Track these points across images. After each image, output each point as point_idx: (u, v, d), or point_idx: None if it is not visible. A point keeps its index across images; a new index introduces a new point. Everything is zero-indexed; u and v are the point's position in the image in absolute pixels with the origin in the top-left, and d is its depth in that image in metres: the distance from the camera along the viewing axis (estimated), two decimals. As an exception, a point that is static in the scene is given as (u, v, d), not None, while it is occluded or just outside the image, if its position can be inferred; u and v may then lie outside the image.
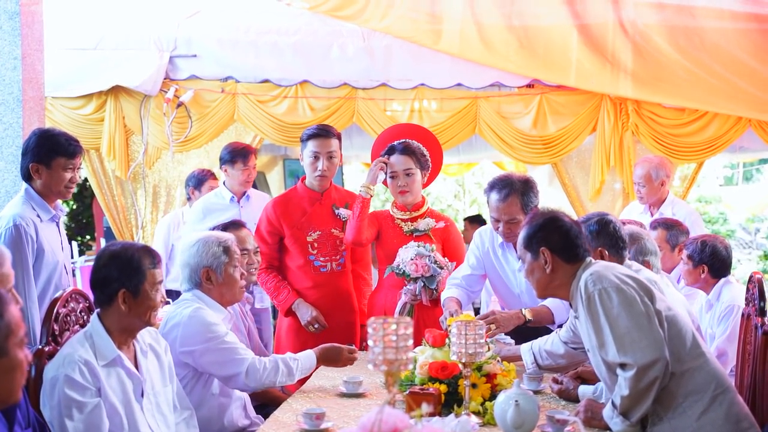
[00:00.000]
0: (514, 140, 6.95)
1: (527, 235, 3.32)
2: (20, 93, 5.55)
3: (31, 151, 4.14)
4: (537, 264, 3.28)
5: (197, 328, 3.64)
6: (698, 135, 6.86)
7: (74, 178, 4.21)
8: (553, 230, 3.28)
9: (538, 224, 3.31)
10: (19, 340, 2.07)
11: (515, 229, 4.28)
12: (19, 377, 2.10)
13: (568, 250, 3.26)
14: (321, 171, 4.73)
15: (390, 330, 2.33)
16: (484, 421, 3.18)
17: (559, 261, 3.25)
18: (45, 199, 4.15)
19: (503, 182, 4.34)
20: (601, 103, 6.90)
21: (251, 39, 6.96)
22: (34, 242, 4.04)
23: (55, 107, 6.88)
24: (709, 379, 3.05)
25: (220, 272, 3.83)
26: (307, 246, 4.79)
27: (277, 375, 3.69)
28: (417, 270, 4.39)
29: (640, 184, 6.13)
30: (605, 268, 3.18)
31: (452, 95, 7.01)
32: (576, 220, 3.42)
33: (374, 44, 6.94)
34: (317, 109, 6.98)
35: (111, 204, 7.09)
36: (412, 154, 4.69)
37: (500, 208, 4.31)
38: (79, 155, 4.20)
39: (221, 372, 3.66)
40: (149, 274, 3.10)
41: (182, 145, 6.99)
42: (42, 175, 4.13)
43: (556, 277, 3.27)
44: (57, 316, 3.18)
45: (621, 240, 3.71)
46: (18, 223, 3.98)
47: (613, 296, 3.05)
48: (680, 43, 6.64)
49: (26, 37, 5.59)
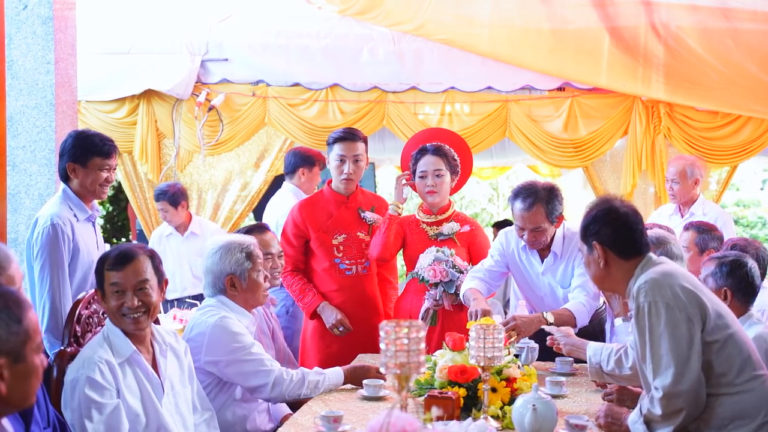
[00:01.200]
0: (545, 144, 6.91)
1: (581, 227, 3.17)
2: (53, 97, 5.63)
3: (68, 151, 4.21)
4: (592, 258, 3.13)
5: (223, 339, 3.65)
6: (732, 138, 6.77)
7: (110, 178, 4.28)
8: (606, 223, 3.10)
9: (591, 216, 3.15)
10: (36, 346, 2.10)
11: (540, 237, 4.30)
12: (34, 382, 2.13)
13: (623, 245, 3.08)
14: (347, 174, 4.74)
15: (402, 333, 2.32)
16: (502, 426, 3.16)
17: (614, 256, 3.08)
18: (81, 199, 4.21)
19: (527, 191, 4.30)
20: (633, 106, 6.84)
21: (282, 43, 6.99)
22: (71, 241, 4.09)
23: (89, 111, 6.98)
24: (760, 405, 2.90)
25: (244, 278, 3.84)
26: (333, 249, 4.79)
27: (302, 388, 3.69)
28: (435, 275, 4.38)
29: (674, 181, 6.06)
30: (664, 275, 2.98)
31: (482, 98, 6.98)
32: (634, 208, 3.17)
33: (404, 47, 6.94)
34: (347, 113, 6.99)
35: (143, 207, 7.17)
36: (443, 156, 4.67)
37: (525, 217, 4.27)
38: (114, 155, 4.27)
39: (246, 383, 3.67)
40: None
41: (213, 149, 7.04)
42: (78, 174, 4.19)
43: (611, 272, 3.10)
44: (79, 318, 3.22)
45: (751, 288, 3.58)
46: (55, 222, 4.04)
47: (662, 313, 2.89)
48: (713, 45, 6.56)
49: (59, 41, 5.67)
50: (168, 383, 3.22)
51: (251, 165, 7.20)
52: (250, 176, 7.23)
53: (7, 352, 2.01)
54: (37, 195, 5.57)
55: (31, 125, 5.57)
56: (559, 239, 4.41)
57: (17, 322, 2.03)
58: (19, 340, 2.03)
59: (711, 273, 3.64)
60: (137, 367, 3.11)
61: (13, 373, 2.03)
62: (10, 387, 2.03)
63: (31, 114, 5.59)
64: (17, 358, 2.04)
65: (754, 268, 3.65)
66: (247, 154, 7.21)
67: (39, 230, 4.06)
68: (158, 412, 3.13)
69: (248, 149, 7.20)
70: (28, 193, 5.56)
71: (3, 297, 2.04)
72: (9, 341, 2.01)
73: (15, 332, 2.02)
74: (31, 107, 5.59)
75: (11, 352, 2.02)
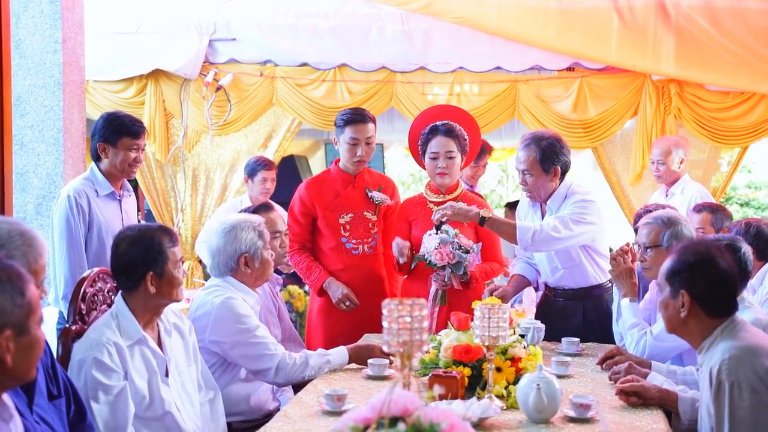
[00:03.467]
0: (554, 124, 6.85)
1: (672, 269, 2.96)
2: (61, 76, 5.64)
3: (99, 131, 4.43)
4: (673, 302, 2.95)
5: (228, 320, 3.65)
6: (743, 119, 6.70)
7: (139, 158, 4.51)
8: (703, 275, 2.89)
9: (686, 262, 2.93)
10: (38, 319, 2.13)
11: (529, 181, 4.45)
12: (37, 355, 2.16)
13: (713, 304, 2.89)
14: (360, 157, 4.74)
15: (405, 312, 2.32)
16: (507, 405, 3.16)
17: (699, 310, 2.90)
18: (110, 179, 4.45)
19: (533, 134, 4.51)
20: (643, 87, 6.77)
21: (290, 22, 6.95)
22: (86, 214, 4.34)
23: (96, 91, 6.97)
24: None
25: (257, 257, 3.84)
26: (339, 228, 4.79)
27: (305, 371, 3.69)
28: (443, 258, 4.35)
29: (659, 162, 6.10)
30: (748, 351, 2.77)
31: (491, 78, 6.93)
32: (733, 266, 2.96)
33: (413, 27, 6.89)
34: (355, 93, 6.95)
35: (151, 187, 7.16)
36: (455, 137, 4.65)
37: (519, 156, 4.48)
38: (142, 135, 4.50)
39: (250, 366, 3.68)
40: (170, 253, 3.13)
41: (221, 129, 7.03)
42: (108, 154, 4.42)
43: (689, 324, 2.94)
44: (84, 296, 3.23)
45: (743, 273, 3.51)
46: (71, 195, 4.31)
47: (746, 397, 2.70)
48: (724, 24, 6.49)
49: (67, 20, 5.66)
50: (173, 363, 3.23)
51: (259, 145, 7.18)
52: (258, 156, 7.21)
53: (12, 325, 2.04)
54: (44, 174, 5.58)
55: (38, 105, 5.59)
56: (559, 195, 4.46)
57: (21, 294, 2.05)
58: (23, 312, 2.06)
59: None
60: (145, 347, 3.12)
61: (17, 345, 2.06)
62: (15, 359, 2.05)
63: (38, 93, 5.60)
64: (21, 331, 2.07)
65: (747, 252, 3.63)
66: (254, 134, 7.18)
67: (58, 204, 4.36)
68: (165, 391, 3.14)
69: (256, 130, 7.17)
70: (36, 173, 5.58)
71: (6, 270, 2.06)
72: (14, 314, 2.04)
73: (19, 305, 2.05)
74: (39, 87, 5.60)
75: (16, 324, 2.05)
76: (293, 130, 7.17)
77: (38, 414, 2.50)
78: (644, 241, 4.03)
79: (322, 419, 3.05)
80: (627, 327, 4.03)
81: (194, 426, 3.25)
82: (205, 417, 3.37)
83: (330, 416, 3.07)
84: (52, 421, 2.57)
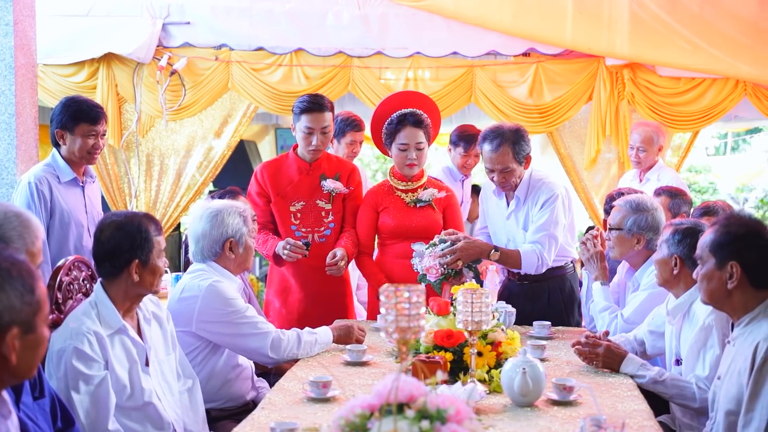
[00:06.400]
0: (510, 109, 6.90)
1: (717, 241, 2.94)
2: (12, 60, 5.50)
3: (57, 117, 4.40)
4: (719, 274, 2.93)
5: (216, 303, 3.62)
6: (694, 104, 6.82)
7: (97, 144, 4.46)
8: (754, 246, 2.89)
9: (736, 234, 2.92)
10: (45, 317, 2.07)
11: (509, 178, 4.46)
12: (41, 353, 2.09)
13: (763, 273, 2.90)
14: (315, 146, 4.66)
15: (402, 298, 2.31)
16: (490, 389, 3.18)
17: (746, 282, 2.90)
18: (71, 165, 4.41)
19: (495, 132, 4.45)
20: (597, 72, 6.84)
21: (245, 6, 6.86)
22: (48, 201, 4.30)
23: (47, 75, 6.79)
24: None
25: (242, 243, 3.81)
26: (290, 216, 4.73)
27: (299, 348, 3.69)
28: (438, 274, 4.29)
29: (640, 149, 6.18)
30: None
31: (448, 63, 6.94)
32: None
33: (369, 12, 6.86)
34: (312, 78, 6.90)
35: (104, 173, 7.01)
36: (425, 128, 4.63)
37: (493, 159, 4.43)
38: (101, 121, 4.44)
39: (245, 344, 3.65)
40: (156, 242, 3.07)
41: (176, 114, 6.91)
42: (66, 140, 4.39)
43: (733, 297, 2.93)
44: (60, 285, 3.16)
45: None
46: (30, 181, 4.27)
47: None
48: (677, 6, 6.58)
49: (18, 2, 5.52)
50: (153, 351, 3.18)
51: (214, 130, 7.09)
52: (213, 142, 7.12)
53: (20, 323, 1.97)
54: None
55: (-11, 89, 5.43)
56: (524, 184, 4.51)
57: (30, 292, 1.98)
58: (31, 310, 1.99)
59: (665, 239, 3.61)
60: (125, 336, 3.07)
61: (23, 343, 1.99)
62: (20, 357, 1.98)
63: (-11, 77, 5.44)
64: (28, 329, 2.00)
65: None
66: (210, 119, 7.08)
67: (19, 190, 4.33)
68: (145, 380, 3.09)
69: (211, 114, 7.07)
70: (-12, 158, 5.42)
71: (16, 266, 1.98)
72: (23, 311, 1.97)
73: (28, 302, 1.98)
74: (-11, 70, 5.44)
75: (24, 322, 1.98)
76: (249, 115, 7.08)
77: (24, 412, 2.43)
78: (611, 222, 4.12)
79: (308, 406, 3.04)
80: (598, 310, 4.09)
81: (175, 415, 3.21)
82: (184, 406, 3.33)
83: (315, 403, 3.06)
84: (38, 419, 2.50)
